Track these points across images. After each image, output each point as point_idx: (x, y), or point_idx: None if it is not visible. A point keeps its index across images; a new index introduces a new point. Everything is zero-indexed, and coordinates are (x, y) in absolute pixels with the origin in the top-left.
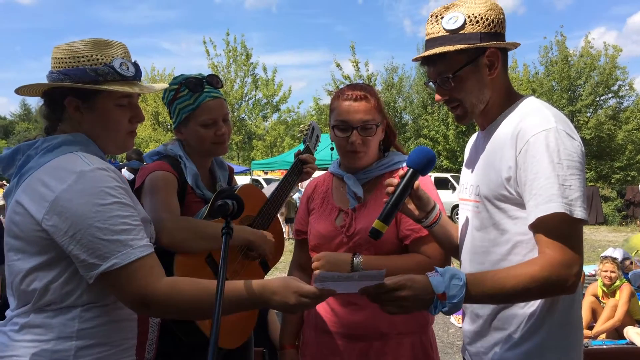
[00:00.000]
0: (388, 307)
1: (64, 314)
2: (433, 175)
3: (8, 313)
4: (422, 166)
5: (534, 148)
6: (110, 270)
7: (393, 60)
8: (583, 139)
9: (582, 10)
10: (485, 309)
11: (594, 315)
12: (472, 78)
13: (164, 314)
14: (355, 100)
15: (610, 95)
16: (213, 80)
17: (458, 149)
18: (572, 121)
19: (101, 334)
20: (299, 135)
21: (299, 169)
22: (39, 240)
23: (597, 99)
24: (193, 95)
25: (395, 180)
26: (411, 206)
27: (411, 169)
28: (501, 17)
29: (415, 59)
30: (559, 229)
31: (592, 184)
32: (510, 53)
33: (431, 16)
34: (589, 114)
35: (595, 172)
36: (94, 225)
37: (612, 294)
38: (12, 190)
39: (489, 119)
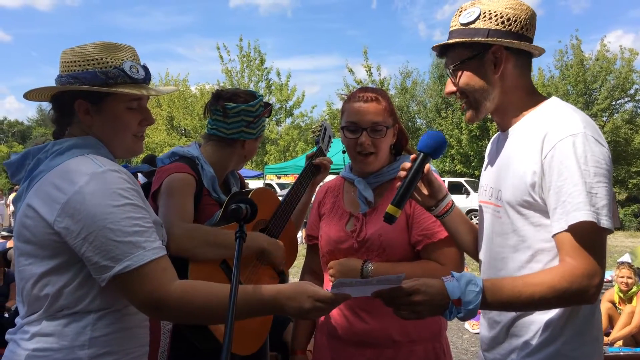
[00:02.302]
0: (402, 311)
1: (77, 322)
2: (447, 179)
3: (17, 320)
4: (432, 149)
5: (561, 153)
6: (122, 272)
7: (408, 65)
8: None
9: (598, 13)
10: (503, 316)
11: (611, 322)
12: (476, 73)
13: (176, 317)
14: (366, 101)
15: (626, 99)
16: None
17: (472, 153)
18: None
19: (113, 342)
20: (312, 136)
21: (312, 171)
22: (51, 243)
23: (613, 103)
24: (266, 122)
25: (408, 165)
26: (422, 192)
27: (422, 153)
28: (523, 16)
29: (433, 48)
30: (584, 238)
31: None
32: None
33: (458, 10)
34: (605, 118)
35: (612, 178)
36: (106, 226)
37: (629, 300)
38: (22, 194)
39: (509, 120)
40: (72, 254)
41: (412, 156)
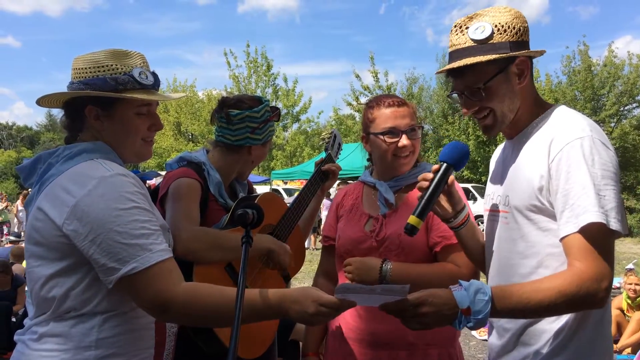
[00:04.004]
0: (410, 323)
1: (84, 323)
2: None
3: (26, 322)
4: (456, 160)
5: (569, 156)
6: (129, 274)
7: (414, 71)
8: None
9: (606, 19)
10: (513, 324)
11: (619, 329)
12: (503, 88)
13: (182, 319)
14: (399, 106)
15: (635, 105)
16: None
17: (479, 159)
18: None
19: (119, 343)
20: (321, 143)
21: (320, 178)
22: (60, 245)
23: (622, 108)
24: (275, 124)
25: (430, 175)
26: (443, 202)
27: (445, 164)
28: (525, 25)
29: (441, 71)
30: (593, 241)
31: None
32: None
33: (455, 26)
34: (613, 124)
35: (620, 183)
36: (113, 229)
37: (638, 307)
38: (33, 198)
39: (518, 129)
40: (80, 257)
41: (435, 167)
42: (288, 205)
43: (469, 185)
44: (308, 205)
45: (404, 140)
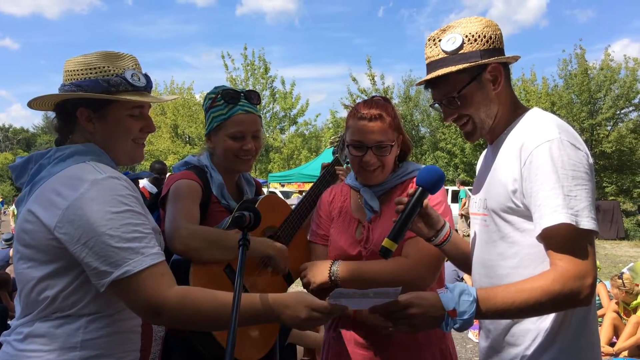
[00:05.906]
0: (399, 326)
1: (69, 324)
2: (450, 188)
3: (12, 322)
4: (431, 184)
5: (538, 159)
6: (121, 277)
7: (411, 73)
8: (603, 152)
9: (604, 23)
10: (496, 324)
11: (616, 332)
12: (477, 95)
13: (175, 322)
14: (371, 120)
15: (631, 108)
16: (250, 95)
17: (475, 162)
18: (592, 134)
19: (104, 345)
20: (329, 147)
21: (327, 181)
22: (51, 248)
23: (618, 112)
24: (227, 106)
25: (405, 199)
26: (421, 224)
27: (420, 188)
28: (498, 32)
29: (419, 84)
30: (567, 241)
31: (612, 198)
32: (528, 66)
33: (429, 40)
34: (609, 128)
35: (616, 187)
36: (106, 232)
37: (634, 310)
38: (24, 198)
39: (496, 133)
40: (71, 259)
41: (410, 191)
42: (292, 207)
43: (466, 188)
44: (313, 207)
45: (367, 156)
